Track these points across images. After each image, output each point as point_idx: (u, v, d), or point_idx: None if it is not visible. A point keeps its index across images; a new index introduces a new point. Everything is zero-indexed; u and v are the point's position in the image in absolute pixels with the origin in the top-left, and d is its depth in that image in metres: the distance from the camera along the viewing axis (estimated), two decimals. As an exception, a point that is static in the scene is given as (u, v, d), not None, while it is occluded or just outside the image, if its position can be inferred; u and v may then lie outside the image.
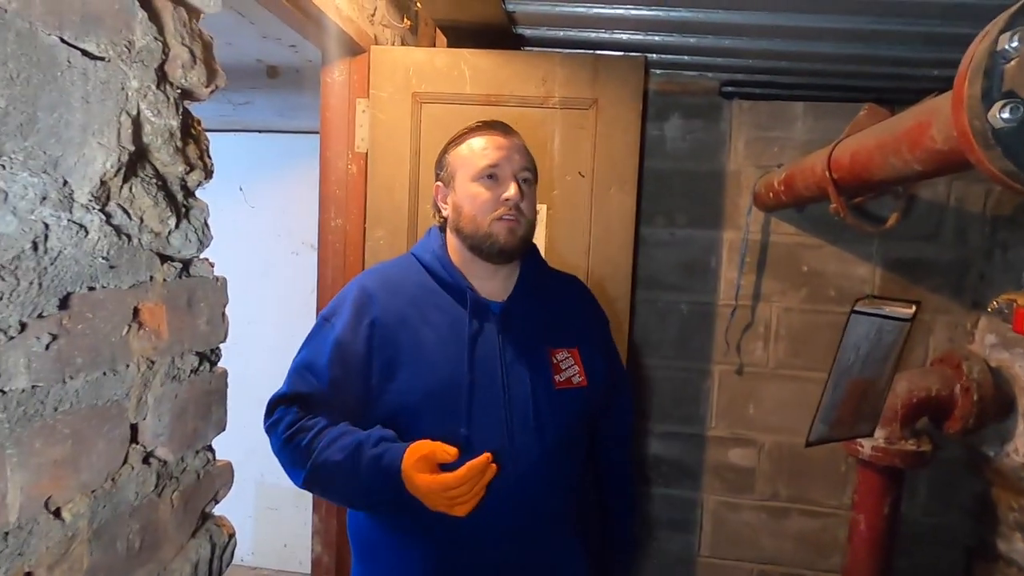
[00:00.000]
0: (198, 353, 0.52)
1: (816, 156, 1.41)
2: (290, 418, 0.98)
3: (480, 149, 1.03)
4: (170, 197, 0.47)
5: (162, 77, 0.45)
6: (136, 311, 0.45)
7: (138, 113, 0.43)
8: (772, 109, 2.07)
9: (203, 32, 0.49)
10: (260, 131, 2.99)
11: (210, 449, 0.53)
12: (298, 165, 2.96)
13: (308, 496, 1.94)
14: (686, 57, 1.90)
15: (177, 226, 0.49)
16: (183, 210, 0.49)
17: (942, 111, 0.85)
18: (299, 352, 1.06)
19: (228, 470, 0.55)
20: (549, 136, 1.78)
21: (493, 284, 1.06)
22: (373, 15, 1.78)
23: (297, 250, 2.99)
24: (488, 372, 1.00)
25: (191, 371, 0.51)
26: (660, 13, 1.56)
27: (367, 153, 1.77)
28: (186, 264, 0.51)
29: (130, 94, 0.42)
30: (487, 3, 1.58)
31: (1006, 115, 0.67)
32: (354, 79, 1.79)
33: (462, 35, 1.83)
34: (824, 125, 2.03)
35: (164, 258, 0.48)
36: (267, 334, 3.01)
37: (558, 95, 1.76)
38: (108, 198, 0.41)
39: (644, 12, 1.57)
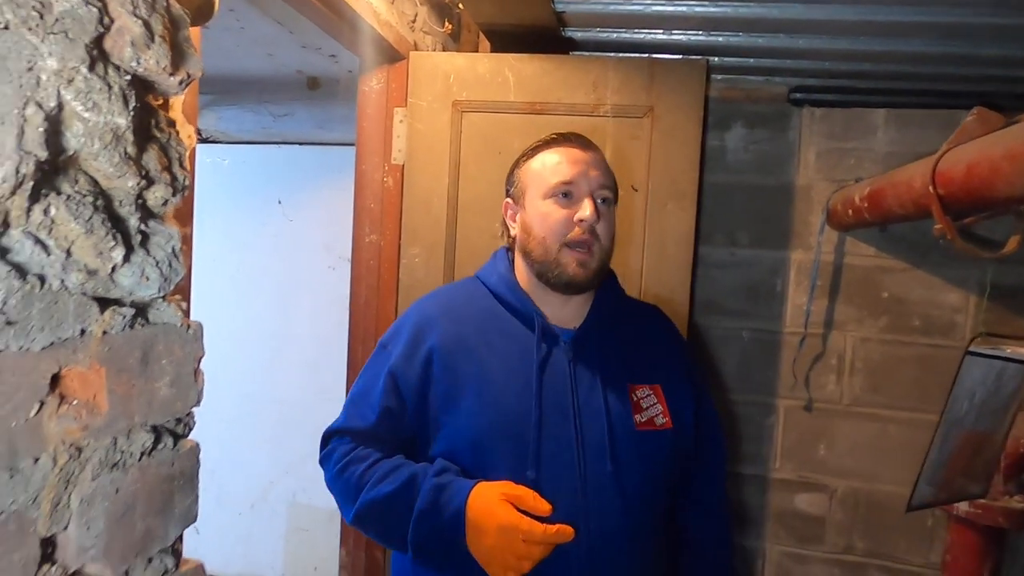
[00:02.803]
0: (155, 428, 0.39)
1: (914, 168, 1.22)
2: (343, 448, 0.93)
3: (554, 163, 0.94)
4: (116, 221, 0.35)
5: (100, 57, 0.32)
6: (56, 380, 0.32)
7: (59, 105, 0.31)
8: (848, 117, 1.86)
9: (170, 3, 0.37)
10: (300, 143, 2.94)
11: (171, 551, 0.40)
12: (336, 178, 2.89)
13: (340, 518, 1.82)
14: (751, 60, 1.73)
15: (127, 259, 0.36)
16: (138, 238, 0.37)
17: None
18: (357, 380, 1.02)
19: (198, 574, 0.42)
20: (599, 147, 1.63)
21: (565, 312, 0.97)
22: (413, 21, 1.68)
23: (334, 264, 2.92)
24: (559, 408, 0.90)
25: (142, 453, 0.38)
26: (728, 9, 1.40)
27: (404, 165, 1.66)
28: (142, 309, 0.38)
29: (44, 78, 0.29)
30: (535, 3, 1.45)
31: None
32: (392, 87, 1.69)
33: (507, 39, 1.70)
34: (910, 135, 1.81)
35: (107, 303, 0.36)
36: (302, 350, 2.94)
37: (610, 102, 1.61)
38: (6, 225, 0.29)
39: (709, 8, 1.41)
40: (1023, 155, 0.85)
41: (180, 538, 0.43)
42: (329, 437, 0.97)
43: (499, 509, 0.79)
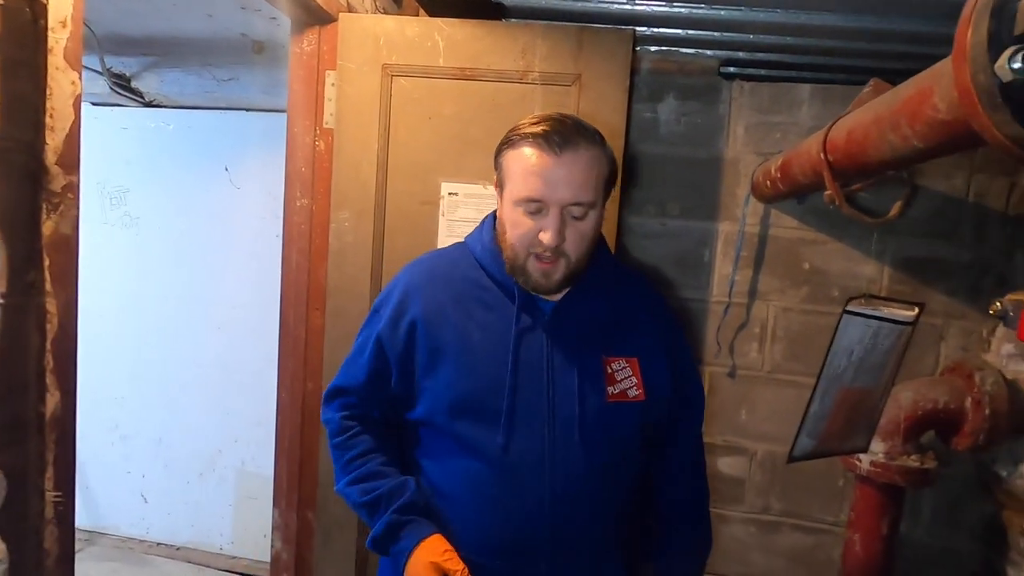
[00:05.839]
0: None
1: (813, 138, 1.27)
2: (335, 426, 1.02)
3: (527, 170, 0.88)
4: None
5: None
6: None
7: None
8: (775, 92, 1.91)
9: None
10: (247, 109, 2.89)
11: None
12: (283, 145, 2.86)
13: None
14: (682, 32, 1.75)
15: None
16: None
17: (946, 73, 0.71)
18: (356, 338, 1.06)
19: None
20: (527, 114, 1.63)
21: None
22: (348, -18, 1.67)
23: (280, 232, 2.90)
24: (533, 379, 0.92)
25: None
26: (647, -22, 1.42)
27: (334, 129, 1.66)
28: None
29: None
30: (462, -34, 1.46)
31: (1017, 65, 0.52)
32: (324, 50, 1.67)
33: (441, 4, 1.71)
34: (833, 110, 1.85)
35: None
36: (250, 318, 2.93)
37: (538, 69, 1.63)
38: None
39: (630, -24, 1.43)
40: (886, 119, 0.90)
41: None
42: (331, 396, 1.05)
43: None
